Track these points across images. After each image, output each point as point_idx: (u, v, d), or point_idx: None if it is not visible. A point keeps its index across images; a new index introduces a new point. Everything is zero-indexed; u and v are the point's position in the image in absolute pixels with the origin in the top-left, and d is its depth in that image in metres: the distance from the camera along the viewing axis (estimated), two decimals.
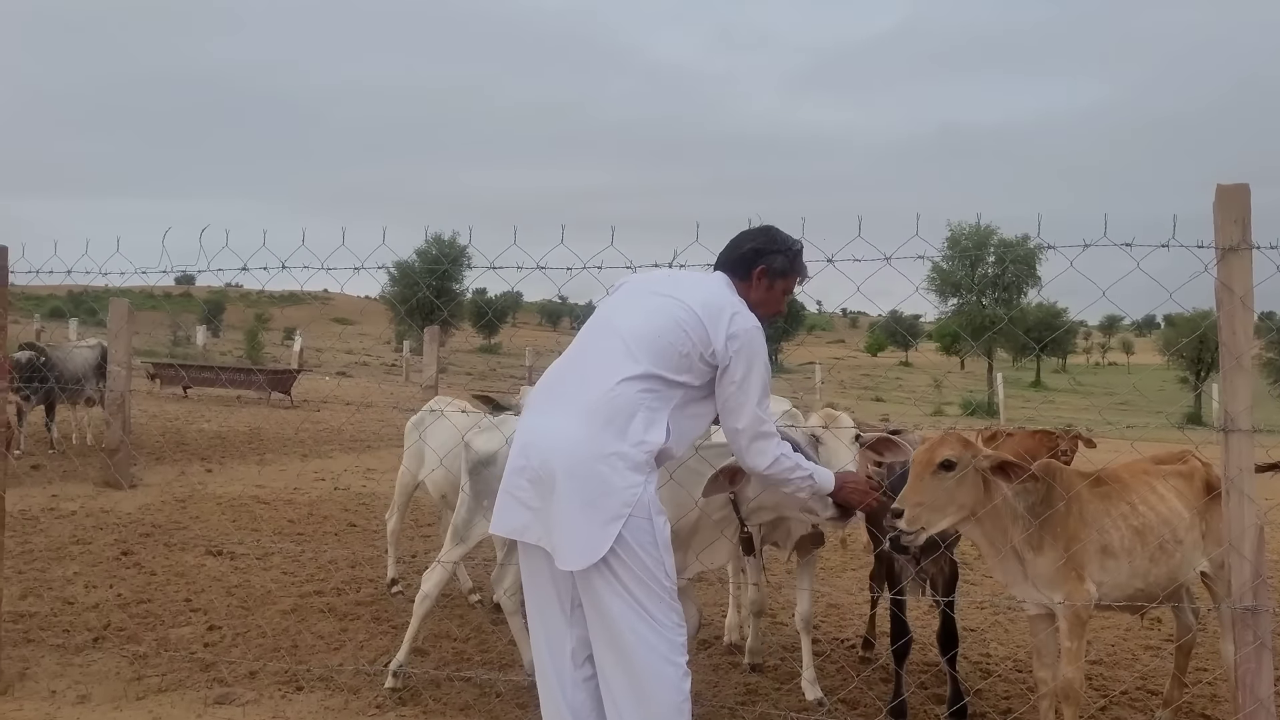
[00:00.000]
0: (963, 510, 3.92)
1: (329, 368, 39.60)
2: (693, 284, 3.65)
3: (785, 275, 3.73)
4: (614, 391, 3.38)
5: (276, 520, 9.60)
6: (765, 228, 3.78)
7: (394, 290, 38.31)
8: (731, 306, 3.52)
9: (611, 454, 3.31)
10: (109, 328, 11.07)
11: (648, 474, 3.35)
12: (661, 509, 3.40)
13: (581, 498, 3.30)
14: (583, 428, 3.35)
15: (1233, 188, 3.71)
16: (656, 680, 3.31)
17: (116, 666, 5.32)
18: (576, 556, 3.29)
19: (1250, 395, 3.68)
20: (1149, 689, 5.51)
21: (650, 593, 3.32)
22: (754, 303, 3.66)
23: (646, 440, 3.35)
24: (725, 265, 3.74)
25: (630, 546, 3.28)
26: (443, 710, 4.87)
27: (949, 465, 3.86)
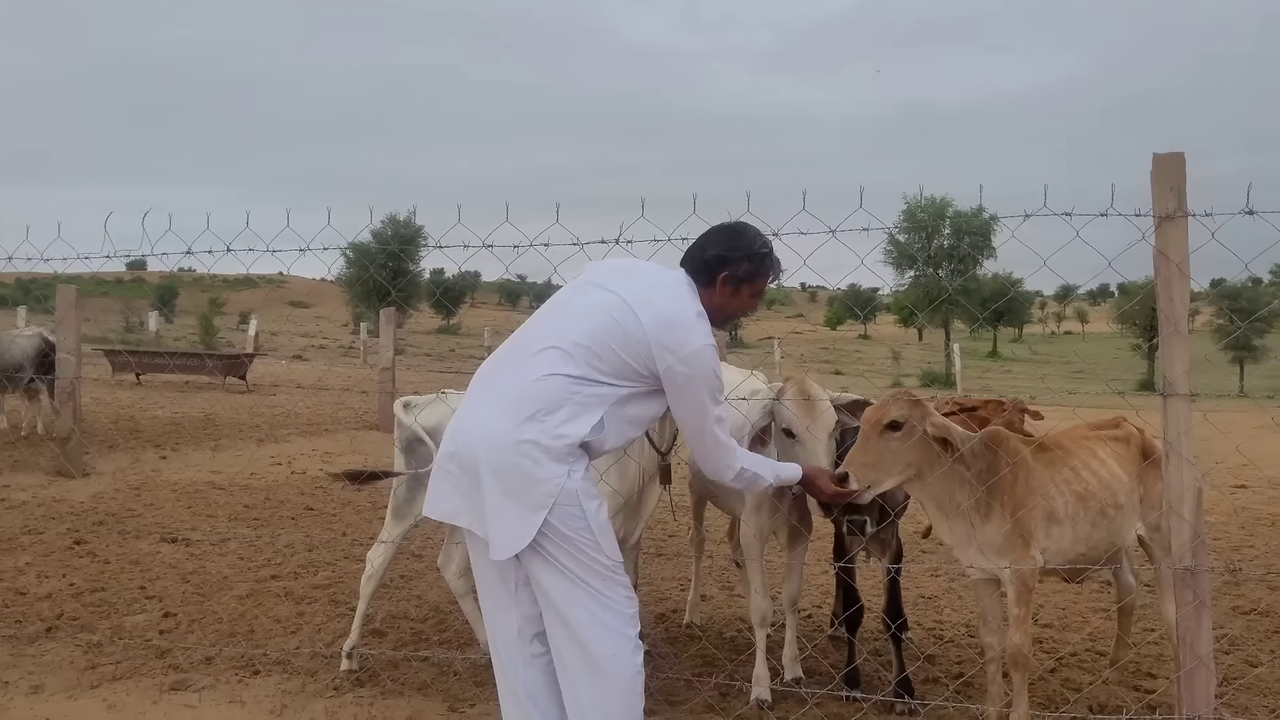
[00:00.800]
0: (909, 470, 3.97)
1: (285, 351, 39.26)
2: (648, 286, 3.53)
3: (751, 280, 3.65)
4: (542, 384, 3.35)
5: (232, 506, 9.52)
6: (731, 229, 3.67)
7: (349, 272, 38.01)
8: (681, 325, 3.42)
9: (529, 444, 3.29)
10: (56, 315, 10.90)
11: (571, 464, 3.31)
12: (594, 494, 3.38)
13: (503, 488, 3.30)
14: (505, 418, 3.34)
15: (1169, 157, 3.77)
16: (608, 655, 3.33)
17: (70, 656, 5.28)
18: (504, 545, 3.31)
19: (1188, 360, 3.76)
20: (1097, 650, 5.62)
21: (593, 571, 3.33)
22: (717, 306, 3.62)
23: (565, 433, 3.30)
24: (689, 267, 3.64)
25: (562, 533, 3.28)
26: (400, 690, 4.88)
27: (896, 425, 3.92)
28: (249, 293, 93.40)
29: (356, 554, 7.47)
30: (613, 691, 3.34)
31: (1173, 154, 3.77)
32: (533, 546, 3.28)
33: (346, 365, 34.64)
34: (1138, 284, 31.72)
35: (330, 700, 4.74)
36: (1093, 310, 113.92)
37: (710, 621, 6.16)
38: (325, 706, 4.65)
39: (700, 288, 3.60)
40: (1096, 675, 5.17)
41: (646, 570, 7.16)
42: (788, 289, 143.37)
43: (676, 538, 8.53)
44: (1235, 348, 45.68)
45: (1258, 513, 10.03)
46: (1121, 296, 56.76)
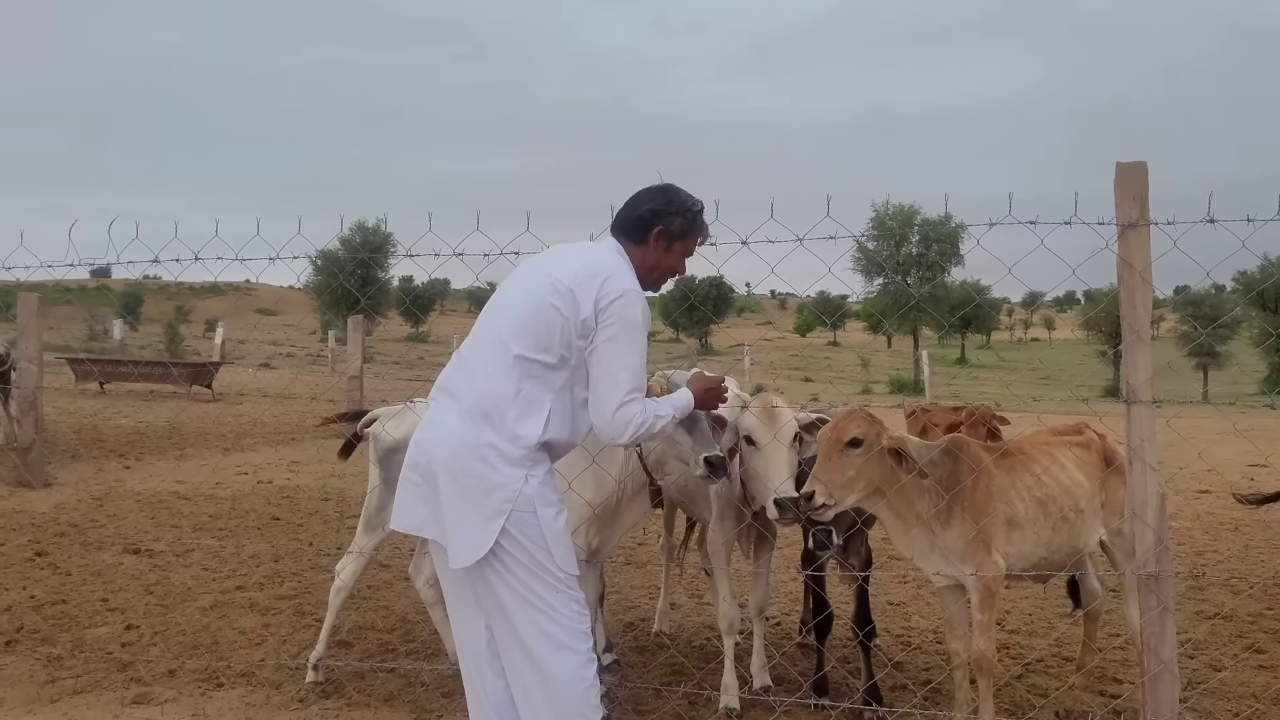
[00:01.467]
0: (870, 486, 3.99)
1: (252, 359, 38.92)
2: (574, 255, 3.56)
3: (684, 236, 3.65)
4: (490, 385, 3.36)
5: (197, 516, 9.42)
6: (664, 187, 3.69)
7: (318, 280, 37.75)
8: (605, 271, 3.42)
9: (485, 447, 3.30)
10: (18, 323, 10.73)
11: (529, 468, 3.32)
12: (552, 501, 3.37)
13: (461, 495, 3.31)
14: (460, 424, 3.35)
15: (1131, 165, 3.81)
16: (559, 669, 3.31)
17: (30, 669, 5.19)
18: (462, 554, 3.30)
19: (1151, 367, 3.79)
20: (1063, 656, 5.66)
21: (544, 583, 3.31)
22: (650, 265, 3.61)
23: (521, 434, 3.31)
24: (621, 227, 3.64)
25: (517, 541, 3.28)
26: (367, 702, 4.84)
27: (856, 443, 3.94)
28: (216, 300, 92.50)
29: (323, 564, 7.41)
30: (564, 706, 3.32)
31: (1135, 163, 3.80)
32: (487, 555, 3.27)
33: (314, 373, 34.37)
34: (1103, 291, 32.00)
35: (295, 713, 4.69)
36: (1059, 317, 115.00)
37: (679, 630, 6.15)
38: (290, 719, 4.59)
39: (633, 245, 3.60)
40: (1063, 681, 5.20)
41: (615, 579, 7.15)
42: (757, 296, 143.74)
43: (646, 545, 8.52)
44: (1199, 354, 46.21)
45: (1220, 518, 10.14)
46: (1087, 304, 57.30)
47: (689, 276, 4.04)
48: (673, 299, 67.06)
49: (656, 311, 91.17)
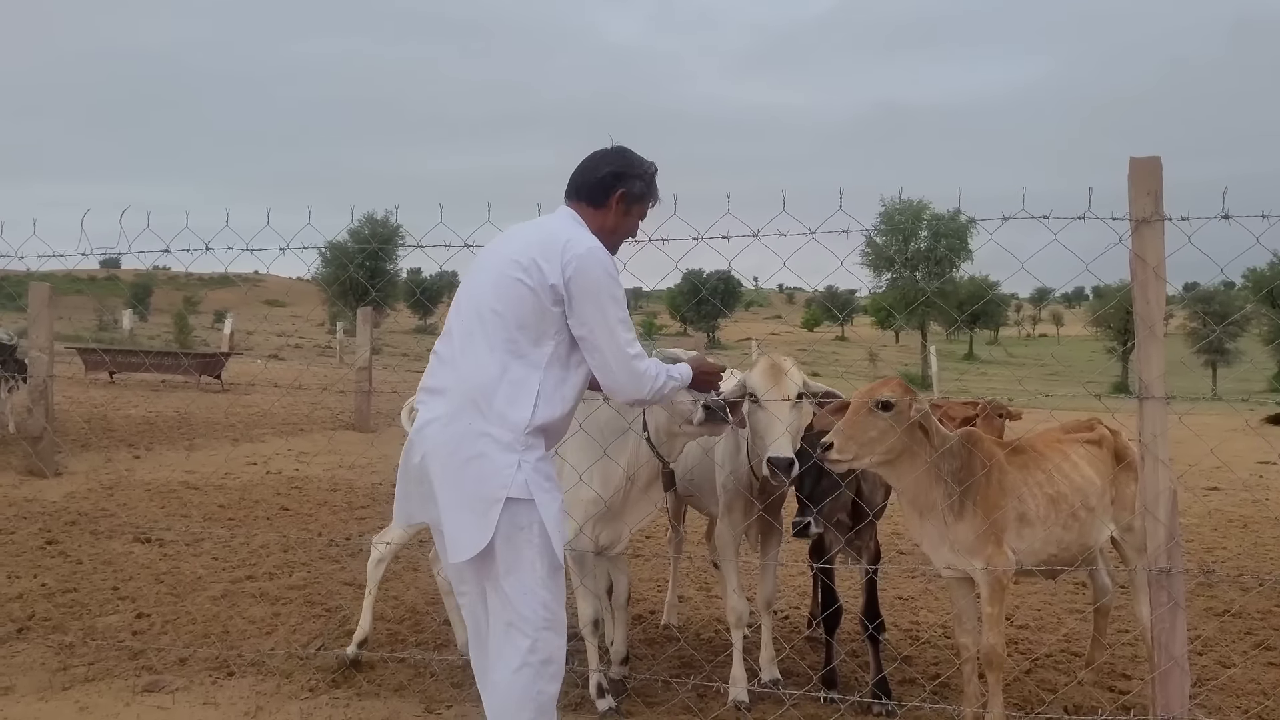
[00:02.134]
0: (890, 453, 4.01)
1: (260, 350, 39.01)
2: (529, 229, 3.55)
3: (642, 199, 3.64)
4: (473, 372, 3.35)
5: (207, 505, 9.45)
6: (620, 150, 3.65)
7: (326, 271, 37.80)
8: (564, 235, 3.40)
9: (477, 436, 3.28)
10: (29, 312, 10.78)
11: (521, 452, 3.29)
12: (546, 486, 3.34)
13: (456, 488, 3.30)
14: (448, 416, 3.35)
15: (1145, 160, 3.80)
16: (511, 671, 3.30)
17: (42, 657, 5.22)
18: (462, 548, 3.30)
19: (1163, 363, 3.78)
20: (1072, 651, 5.65)
21: (516, 578, 3.28)
22: (610, 229, 3.59)
23: (511, 418, 3.29)
24: (579, 191, 3.60)
25: (511, 526, 3.26)
26: (377, 692, 4.85)
27: (886, 405, 3.95)
28: (225, 291, 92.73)
29: (332, 554, 7.45)
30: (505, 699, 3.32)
31: (1149, 158, 3.79)
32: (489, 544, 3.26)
33: (323, 365, 34.45)
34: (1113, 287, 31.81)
35: (305, 702, 4.70)
36: (1068, 313, 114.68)
37: (688, 622, 6.15)
38: (300, 708, 4.62)
39: (591, 210, 3.57)
40: (1072, 676, 5.20)
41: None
42: (766, 290, 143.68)
43: (654, 539, 8.52)
44: (1208, 351, 46.12)
45: (1230, 515, 10.12)
46: (1096, 300, 57.14)
47: (697, 270, 4.05)
48: (681, 293, 67.08)
49: (663, 304, 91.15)
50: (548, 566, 3.31)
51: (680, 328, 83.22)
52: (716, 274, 59.46)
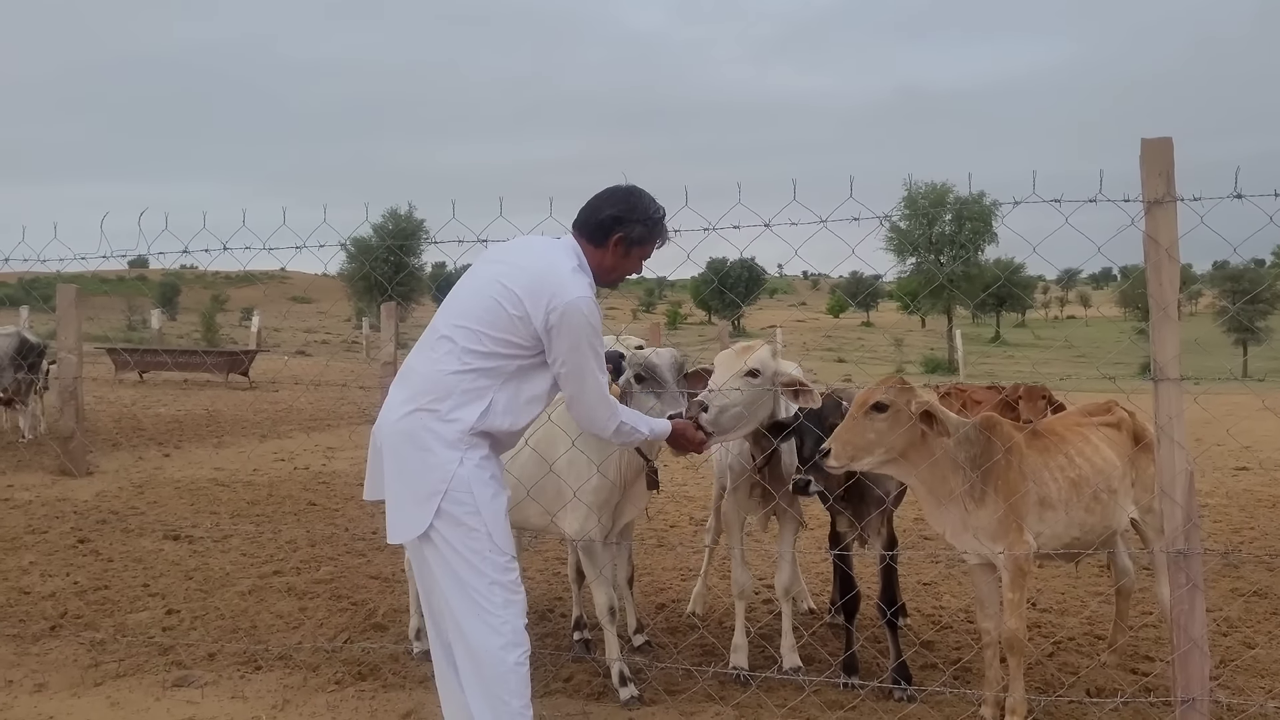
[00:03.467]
0: (891, 452, 4.02)
1: (288, 347, 39.28)
2: (530, 255, 3.65)
3: (643, 243, 3.73)
4: (435, 372, 3.51)
5: (235, 502, 9.56)
6: (627, 192, 3.74)
7: (350, 267, 38.02)
8: (555, 281, 3.50)
9: (422, 430, 3.46)
10: (57, 313, 10.92)
11: (464, 450, 3.45)
12: (490, 482, 3.49)
13: (400, 474, 3.49)
14: (403, 408, 3.52)
15: (1157, 141, 3.78)
16: (481, 649, 3.46)
17: (74, 654, 5.31)
18: (399, 530, 3.50)
19: (1178, 345, 3.77)
20: (1095, 634, 5.64)
21: (471, 567, 3.45)
22: (607, 267, 3.71)
23: (456, 418, 3.45)
24: (581, 228, 3.72)
25: (455, 521, 3.42)
26: (401, 684, 4.91)
27: (880, 407, 3.98)
28: (251, 289, 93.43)
29: (358, 549, 7.53)
30: (488, 687, 3.47)
31: (1161, 139, 3.77)
32: (427, 534, 3.44)
33: (349, 360, 34.66)
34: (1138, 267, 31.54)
35: (332, 695, 4.77)
36: (1096, 294, 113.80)
37: (710, 611, 6.18)
38: (327, 701, 4.68)
39: (592, 247, 3.69)
40: (1094, 659, 5.19)
41: (646, 561, 7.20)
42: (789, 277, 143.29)
43: (677, 528, 8.56)
44: (1237, 330, 45.64)
45: (1258, 495, 10.04)
46: (1123, 279, 56.64)
47: (720, 259, 4.14)
48: (704, 281, 67.02)
49: (687, 293, 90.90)
50: (496, 554, 3.47)
51: (704, 316, 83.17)
52: (740, 262, 59.38)
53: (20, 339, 13.05)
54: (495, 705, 3.47)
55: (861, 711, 4.50)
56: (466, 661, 3.51)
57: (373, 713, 4.55)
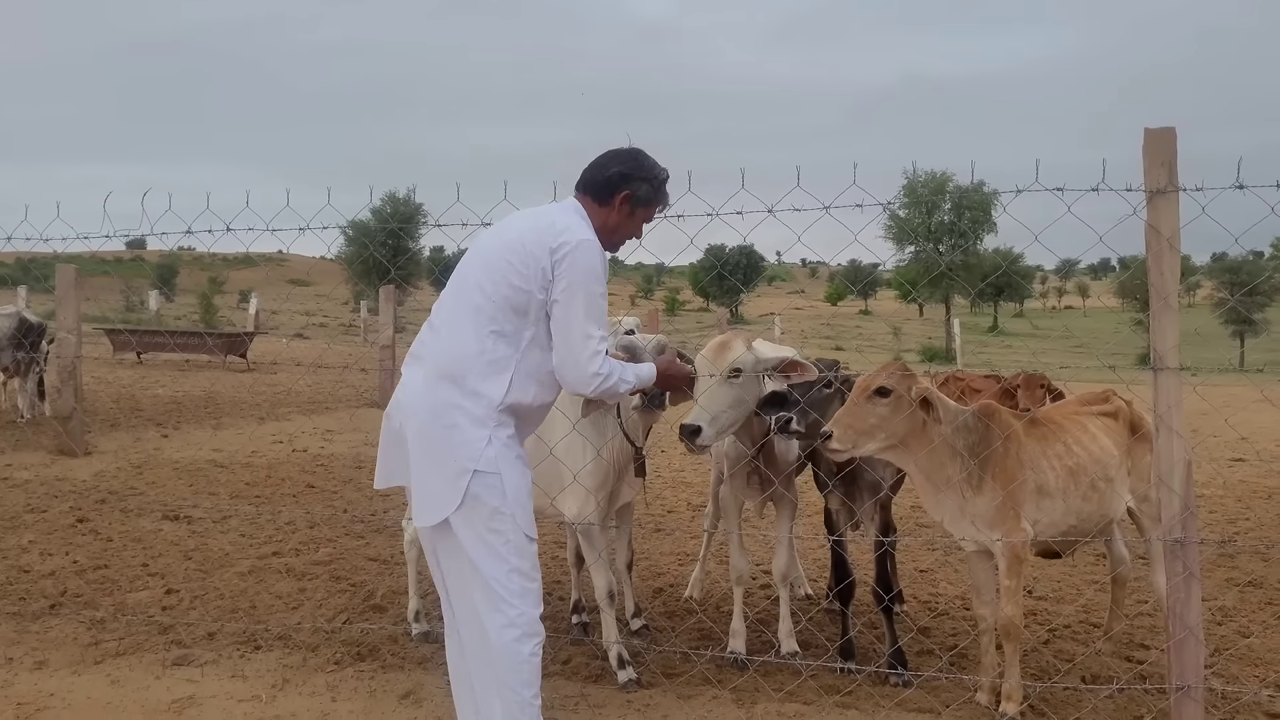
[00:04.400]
0: (893, 437, 4.04)
1: (285, 330, 39.27)
2: (530, 214, 3.63)
3: (647, 204, 3.71)
4: (454, 345, 3.47)
5: (234, 483, 9.58)
6: (633, 151, 3.72)
7: (349, 250, 37.96)
8: (561, 224, 3.48)
9: (450, 408, 3.41)
10: (56, 294, 10.91)
11: (492, 428, 3.42)
12: (514, 462, 3.46)
13: (428, 455, 3.43)
14: (425, 386, 3.47)
15: (1160, 131, 3.79)
16: (498, 637, 3.44)
17: (74, 632, 5.33)
18: (428, 512, 3.44)
19: (1178, 334, 3.78)
20: (1091, 622, 5.67)
21: (492, 551, 3.42)
22: (611, 227, 3.67)
23: (485, 393, 3.41)
24: (587, 186, 3.68)
25: (481, 501, 3.38)
26: (400, 664, 4.93)
27: (883, 392, 3.99)
28: (249, 271, 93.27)
29: (357, 530, 7.55)
30: (500, 675, 3.45)
31: (1164, 129, 3.78)
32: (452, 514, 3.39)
33: (347, 343, 34.66)
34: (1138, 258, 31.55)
35: (331, 674, 4.79)
36: (1094, 285, 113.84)
37: (708, 595, 6.21)
38: (326, 680, 4.70)
39: (596, 206, 3.65)
40: (1090, 646, 5.23)
41: (644, 546, 7.22)
42: (788, 265, 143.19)
43: (675, 513, 8.59)
44: (1235, 321, 45.67)
45: (1254, 486, 10.08)
46: (1123, 271, 56.66)
47: (720, 245, 4.13)
48: (703, 268, 66.97)
49: (686, 281, 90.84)
50: (519, 537, 3.45)
51: (703, 303, 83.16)
52: (739, 249, 59.35)
53: (20, 319, 13.02)
54: (505, 695, 3.45)
55: (858, 696, 4.53)
56: (480, 650, 3.48)
57: (372, 692, 4.57)
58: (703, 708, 4.37)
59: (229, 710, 4.34)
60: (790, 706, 4.36)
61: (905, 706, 4.39)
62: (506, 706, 3.45)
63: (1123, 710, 4.38)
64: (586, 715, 4.29)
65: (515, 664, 3.44)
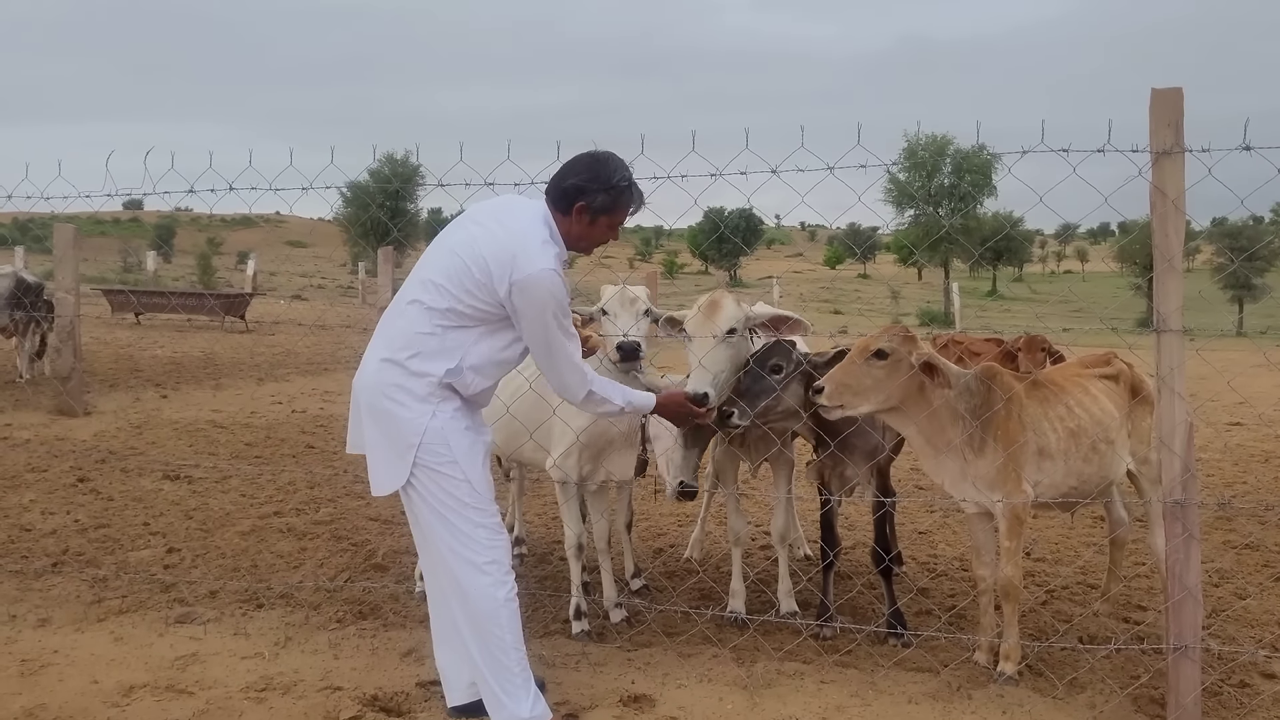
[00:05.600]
0: (888, 400, 4.05)
1: (283, 291, 39.20)
2: (505, 220, 3.66)
3: (608, 211, 3.73)
4: (405, 327, 3.62)
5: (234, 444, 9.59)
6: (593, 160, 3.73)
7: (347, 211, 37.83)
8: (519, 251, 3.52)
9: (394, 388, 3.58)
10: (55, 254, 10.87)
11: (436, 404, 3.57)
12: (463, 430, 3.60)
13: (378, 429, 3.63)
14: (376, 366, 3.64)
15: (1167, 91, 3.75)
16: (474, 590, 3.62)
17: (76, 590, 5.35)
18: (380, 483, 3.66)
19: (1181, 296, 3.77)
20: (1088, 583, 5.71)
21: (455, 510, 3.60)
22: (575, 236, 3.73)
23: (429, 372, 3.56)
24: (549, 195, 3.74)
25: (432, 471, 3.57)
26: (402, 623, 4.95)
27: (881, 354, 3.99)
28: (247, 232, 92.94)
29: (357, 491, 7.56)
30: (479, 624, 3.63)
31: (1171, 89, 3.75)
32: (409, 485, 3.59)
33: (345, 305, 34.62)
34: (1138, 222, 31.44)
35: (334, 632, 4.81)
36: (1093, 249, 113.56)
37: (707, 556, 6.24)
38: (329, 638, 4.72)
39: (560, 215, 3.72)
40: (1087, 607, 5.26)
41: (644, 507, 7.25)
42: (787, 228, 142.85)
43: None
44: (1234, 286, 45.63)
45: (1251, 450, 10.11)
46: (1122, 235, 56.54)
47: (718, 208, 4.14)
48: (702, 231, 66.76)
49: (684, 242, 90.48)
50: (475, 496, 3.61)
51: (701, 265, 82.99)
52: (738, 211, 59.10)
53: (17, 278, 12.98)
54: (488, 641, 3.61)
55: (857, 655, 4.56)
56: (458, 602, 3.65)
57: (374, 650, 4.60)
58: (703, 665, 4.40)
59: (232, 667, 4.36)
60: (790, 665, 4.39)
61: (904, 666, 4.42)
62: (490, 653, 3.62)
63: (1120, 670, 4.41)
64: (588, 673, 4.31)
65: (491, 609, 3.61)
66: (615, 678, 4.27)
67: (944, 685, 4.17)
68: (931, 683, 4.20)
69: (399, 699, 4.05)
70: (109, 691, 4.09)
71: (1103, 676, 4.29)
